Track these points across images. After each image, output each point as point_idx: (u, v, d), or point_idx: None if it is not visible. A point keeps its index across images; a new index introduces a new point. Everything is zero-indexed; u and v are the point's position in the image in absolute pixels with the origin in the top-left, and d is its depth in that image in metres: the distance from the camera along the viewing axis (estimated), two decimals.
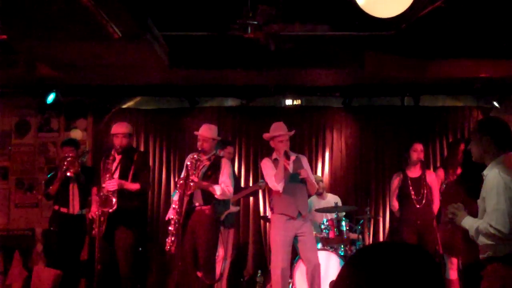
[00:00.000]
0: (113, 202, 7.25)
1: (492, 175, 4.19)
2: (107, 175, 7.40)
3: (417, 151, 8.28)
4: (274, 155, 7.59)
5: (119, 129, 7.68)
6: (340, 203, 9.15)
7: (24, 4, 5.48)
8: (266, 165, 7.55)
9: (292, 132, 7.58)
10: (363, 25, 6.89)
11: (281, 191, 7.34)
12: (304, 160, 7.68)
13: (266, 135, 7.67)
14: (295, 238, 7.40)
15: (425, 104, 10.58)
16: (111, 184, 7.33)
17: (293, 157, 7.55)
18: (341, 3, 5.47)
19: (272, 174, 7.39)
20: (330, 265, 7.82)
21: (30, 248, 9.98)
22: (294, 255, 8.51)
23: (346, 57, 8.25)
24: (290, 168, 7.47)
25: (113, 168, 7.53)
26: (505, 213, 4.06)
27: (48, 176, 8.23)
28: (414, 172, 8.28)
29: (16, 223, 10.21)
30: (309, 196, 7.82)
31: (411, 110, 10.55)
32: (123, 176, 7.48)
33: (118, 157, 7.63)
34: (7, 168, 10.41)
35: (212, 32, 7.34)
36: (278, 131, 7.51)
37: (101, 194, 7.27)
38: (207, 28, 7.33)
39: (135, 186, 7.52)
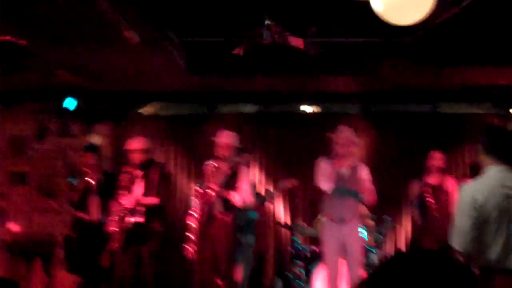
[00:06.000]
0: (129, 220, 7.36)
1: (461, 189, 4.15)
2: (124, 192, 7.47)
3: (436, 159, 8.24)
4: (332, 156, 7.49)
5: (135, 145, 7.68)
6: None
7: (44, 10, 5.53)
8: (320, 165, 7.46)
9: (357, 141, 7.52)
10: (381, 31, 6.87)
11: (328, 193, 7.31)
12: (363, 171, 7.52)
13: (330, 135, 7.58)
14: (344, 245, 7.34)
15: (444, 111, 10.53)
16: (127, 201, 7.42)
17: (351, 164, 7.42)
18: (359, 10, 5.45)
19: (321, 174, 7.36)
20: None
21: (51, 254, 10.01)
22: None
23: (363, 64, 8.23)
24: (346, 174, 7.38)
25: (136, 184, 7.59)
26: (460, 232, 4.02)
27: (73, 183, 8.25)
28: (433, 180, 8.22)
29: (36, 228, 10.24)
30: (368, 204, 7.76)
31: (429, 117, 10.51)
32: (147, 192, 7.54)
33: (140, 173, 7.65)
34: (27, 173, 10.45)
35: (229, 38, 7.35)
36: (341, 133, 7.48)
37: (119, 212, 7.39)
38: (225, 34, 7.35)
39: (153, 201, 7.56)
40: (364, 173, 7.48)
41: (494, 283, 3.88)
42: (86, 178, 8.10)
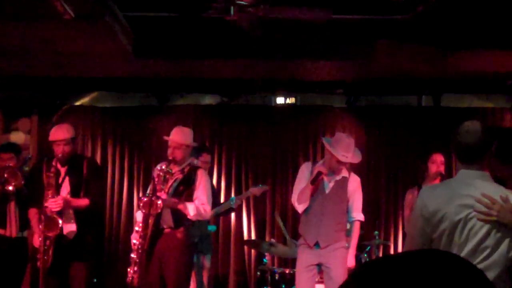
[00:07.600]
0: (59, 224, 7.25)
1: (420, 192, 4.30)
2: (50, 192, 7.37)
3: (437, 162, 8.28)
4: (320, 163, 7.29)
5: (58, 135, 7.59)
6: None
7: None
8: (302, 174, 7.40)
9: (358, 160, 7.32)
10: (373, 8, 6.88)
11: (300, 212, 7.30)
12: (352, 184, 7.37)
13: (325, 141, 7.33)
14: (319, 266, 7.29)
15: (448, 105, 10.62)
16: (55, 203, 7.30)
17: (339, 177, 7.29)
18: None
19: (298, 189, 7.28)
20: None
21: None
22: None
23: (351, 47, 8.21)
24: (328, 188, 7.29)
25: (60, 182, 7.51)
26: (409, 239, 4.32)
27: None
28: None
29: None
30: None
31: (430, 111, 10.58)
32: (74, 191, 7.46)
33: (63, 169, 7.58)
34: None
35: (186, 14, 7.31)
36: (340, 148, 7.08)
37: (45, 215, 7.28)
38: (181, 9, 7.31)
39: (84, 202, 7.48)
40: (354, 186, 7.40)
41: None
42: (5, 186, 7.99)
